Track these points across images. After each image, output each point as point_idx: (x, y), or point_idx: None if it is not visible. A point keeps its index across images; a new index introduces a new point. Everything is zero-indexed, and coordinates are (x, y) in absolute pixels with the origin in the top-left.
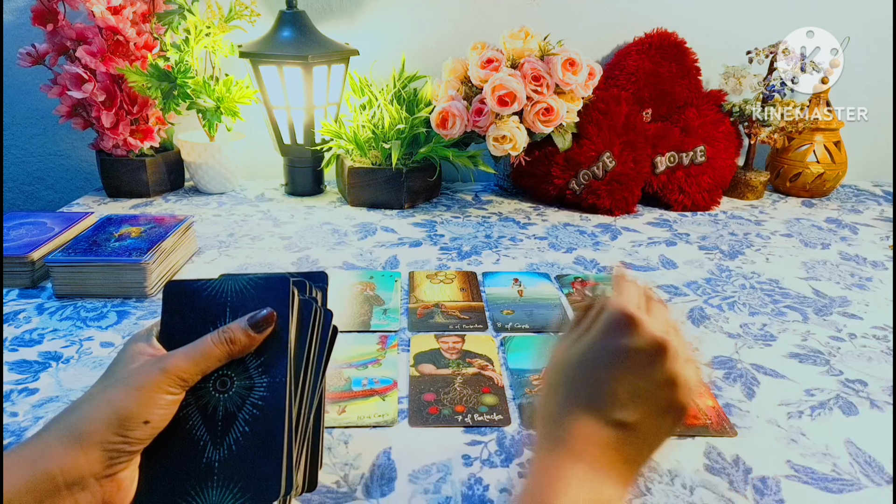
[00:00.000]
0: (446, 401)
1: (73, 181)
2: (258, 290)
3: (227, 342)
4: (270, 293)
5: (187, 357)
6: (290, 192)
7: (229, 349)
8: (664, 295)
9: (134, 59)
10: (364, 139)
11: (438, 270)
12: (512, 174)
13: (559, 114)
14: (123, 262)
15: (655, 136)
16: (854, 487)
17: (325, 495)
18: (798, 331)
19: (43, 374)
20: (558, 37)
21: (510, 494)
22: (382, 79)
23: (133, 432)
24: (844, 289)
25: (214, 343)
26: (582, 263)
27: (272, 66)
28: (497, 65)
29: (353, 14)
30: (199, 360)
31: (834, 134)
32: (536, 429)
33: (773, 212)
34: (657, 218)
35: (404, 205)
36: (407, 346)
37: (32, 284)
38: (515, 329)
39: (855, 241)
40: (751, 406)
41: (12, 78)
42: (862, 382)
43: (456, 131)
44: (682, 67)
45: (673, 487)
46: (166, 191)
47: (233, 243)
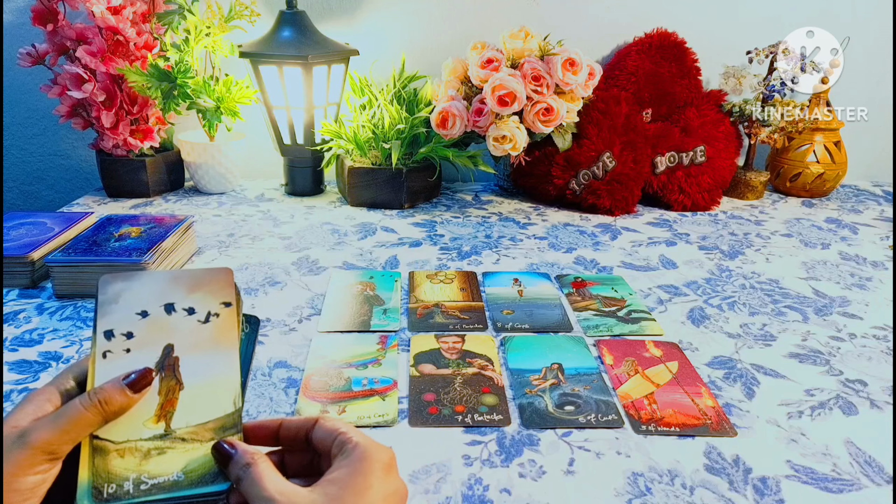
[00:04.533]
0: (446, 401)
1: (73, 181)
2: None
3: (101, 404)
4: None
5: (55, 426)
6: (290, 192)
7: (103, 411)
8: (664, 295)
9: (134, 59)
10: (364, 139)
11: (438, 270)
12: (512, 174)
13: (559, 114)
14: (123, 262)
15: (655, 136)
16: (854, 487)
17: None
18: (798, 331)
19: (43, 374)
20: (558, 37)
21: (510, 494)
22: (382, 79)
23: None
24: (844, 289)
25: (85, 407)
26: (582, 263)
27: (272, 66)
28: (497, 65)
29: (353, 14)
30: (68, 429)
31: (834, 134)
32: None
33: (773, 212)
34: (657, 218)
35: (404, 205)
36: (407, 346)
37: (32, 284)
38: (515, 329)
39: (855, 241)
40: (751, 406)
41: (12, 78)
42: (862, 382)
43: (456, 131)
44: (682, 67)
45: (673, 487)
46: (166, 191)
47: (233, 243)
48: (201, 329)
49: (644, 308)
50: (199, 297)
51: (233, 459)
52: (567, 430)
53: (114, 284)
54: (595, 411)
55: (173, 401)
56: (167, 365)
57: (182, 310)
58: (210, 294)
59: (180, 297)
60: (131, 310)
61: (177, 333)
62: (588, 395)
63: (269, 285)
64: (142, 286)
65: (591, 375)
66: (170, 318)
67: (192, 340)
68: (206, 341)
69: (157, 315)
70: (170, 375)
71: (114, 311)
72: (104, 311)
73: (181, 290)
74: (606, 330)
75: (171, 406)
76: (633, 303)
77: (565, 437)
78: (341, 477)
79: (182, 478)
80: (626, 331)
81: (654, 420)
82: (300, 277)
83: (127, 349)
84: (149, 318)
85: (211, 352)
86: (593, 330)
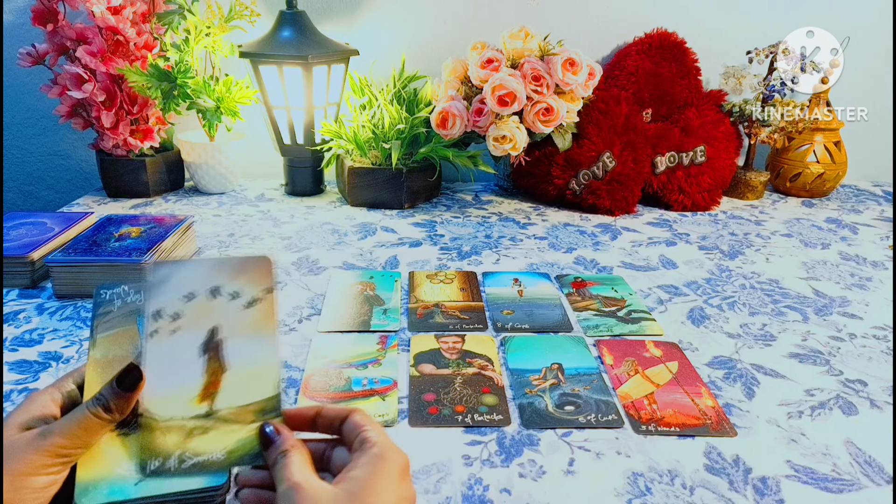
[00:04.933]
0: (446, 401)
1: (73, 181)
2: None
3: (104, 409)
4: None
5: (69, 432)
6: (290, 192)
7: (108, 417)
8: (664, 295)
9: (134, 59)
10: (364, 139)
11: (438, 270)
12: (512, 174)
13: (559, 114)
14: (123, 262)
15: (655, 136)
16: (854, 487)
17: None
18: (798, 331)
19: (43, 374)
20: (558, 37)
21: (510, 494)
22: (382, 79)
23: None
24: (844, 289)
25: (92, 412)
26: (582, 263)
27: (272, 66)
28: (497, 65)
29: (353, 14)
30: (80, 434)
31: (834, 134)
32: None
33: (773, 212)
34: (657, 218)
35: (404, 205)
36: (407, 346)
37: (32, 284)
38: (515, 329)
39: (855, 241)
40: (751, 406)
41: (12, 78)
42: (862, 382)
43: (456, 131)
44: (682, 67)
45: (673, 487)
46: (166, 191)
47: (233, 243)
48: (244, 313)
49: (644, 308)
50: (243, 283)
51: (273, 444)
52: (567, 430)
53: (163, 268)
54: (595, 411)
55: (217, 382)
56: (212, 347)
57: (227, 294)
58: (252, 280)
59: (225, 282)
60: (178, 292)
61: (221, 316)
62: (588, 395)
63: None
64: (189, 270)
65: (591, 375)
66: (215, 302)
67: (235, 324)
68: (249, 325)
69: (202, 298)
70: (214, 357)
71: (162, 293)
72: (153, 293)
73: (225, 274)
74: (606, 330)
75: (215, 387)
76: (633, 303)
77: (565, 437)
78: (359, 476)
79: (223, 457)
80: (626, 331)
81: (654, 420)
82: (300, 277)
83: (173, 330)
84: (195, 300)
85: (253, 336)
86: (593, 330)
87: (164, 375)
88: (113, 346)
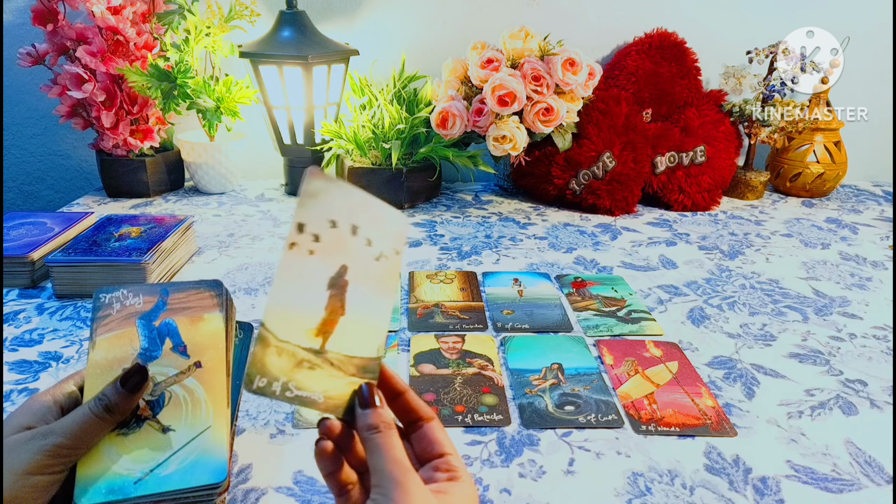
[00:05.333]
0: (446, 401)
1: (73, 181)
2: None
3: (106, 409)
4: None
5: (71, 433)
6: (290, 192)
7: (110, 417)
8: (664, 295)
9: (134, 59)
10: (364, 139)
11: (438, 270)
12: (512, 174)
13: (559, 114)
14: (123, 262)
15: (655, 136)
16: (854, 487)
17: (326, 495)
18: (798, 331)
19: (43, 374)
20: (558, 37)
21: (510, 494)
22: (382, 79)
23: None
24: (844, 289)
25: (94, 412)
26: (582, 263)
27: (272, 66)
28: (497, 65)
29: (353, 14)
30: (82, 436)
31: (834, 134)
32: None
33: (773, 212)
34: (657, 218)
35: (404, 205)
36: (407, 346)
37: (32, 284)
38: (515, 329)
39: (855, 241)
40: (751, 406)
41: (12, 78)
42: (862, 382)
43: (456, 131)
44: (682, 67)
45: (673, 487)
46: (166, 191)
47: (233, 243)
48: (372, 264)
49: (644, 308)
50: (378, 233)
51: (370, 410)
52: (567, 430)
53: (319, 181)
54: (595, 411)
55: (334, 321)
56: (339, 285)
57: (363, 237)
58: (386, 234)
59: (364, 224)
60: (325, 215)
61: (353, 259)
62: (588, 395)
63: (269, 285)
64: (339, 195)
65: (591, 375)
66: (352, 240)
67: (362, 271)
68: (373, 278)
69: (343, 230)
70: (338, 297)
71: (313, 208)
72: (307, 202)
73: (368, 217)
74: (606, 330)
75: (331, 326)
76: (633, 303)
77: (565, 437)
78: (450, 503)
79: (321, 399)
80: (626, 331)
81: (654, 420)
82: None
83: (311, 251)
84: (336, 230)
85: (374, 290)
86: (593, 330)
87: (292, 292)
88: (113, 349)
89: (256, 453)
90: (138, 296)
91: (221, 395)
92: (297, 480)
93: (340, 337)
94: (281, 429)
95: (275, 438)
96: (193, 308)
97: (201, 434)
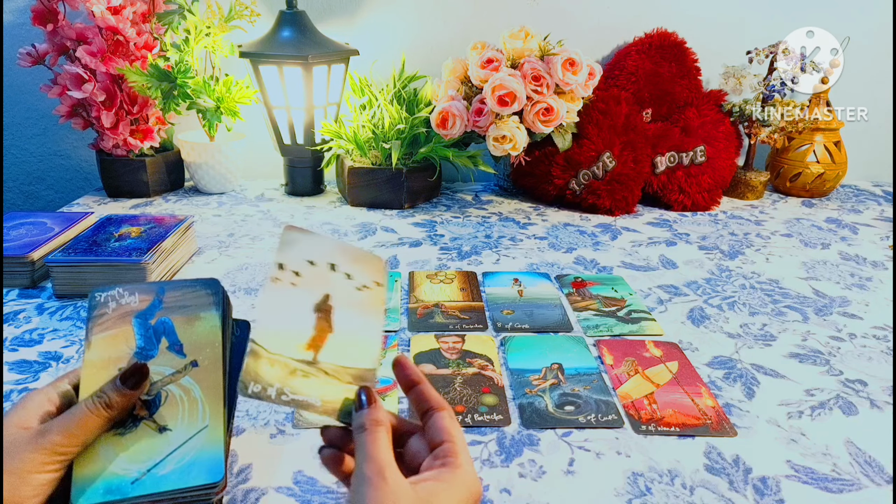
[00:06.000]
0: (446, 401)
1: (73, 181)
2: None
3: (104, 407)
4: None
5: (67, 431)
6: (290, 192)
7: (108, 413)
8: (664, 295)
9: (134, 59)
10: (364, 139)
11: (438, 270)
12: (512, 174)
13: (559, 114)
14: (123, 262)
15: (655, 136)
16: (854, 487)
17: (326, 496)
18: (798, 331)
19: (43, 374)
20: (558, 37)
21: (510, 494)
22: (382, 79)
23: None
24: (844, 289)
25: (91, 410)
26: (582, 263)
27: (272, 66)
28: (497, 65)
29: (353, 14)
30: (78, 433)
31: (834, 134)
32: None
33: (773, 212)
34: (657, 218)
35: (404, 205)
36: (407, 346)
37: (32, 284)
38: (515, 329)
39: (855, 241)
40: (751, 406)
41: (12, 78)
42: (862, 382)
43: (456, 131)
44: (682, 67)
45: (673, 487)
46: (166, 191)
47: (233, 243)
48: (355, 293)
49: (644, 308)
50: (358, 269)
51: (364, 409)
52: (567, 430)
53: (295, 233)
54: (595, 411)
55: (323, 338)
56: (324, 309)
57: (343, 272)
58: (366, 271)
59: (343, 263)
60: (304, 256)
61: (335, 288)
62: (588, 395)
63: None
64: (315, 242)
65: (591, 375)
66: (332, 275)
67: (346, 298)
68: (358, 304)
69: (322, 268)
70: (323, 319)
71: (290, 251)
72: (284, 248)
73: (346, 258)
74: (606, 330)
75: (321, 341)
76: (633, 303)
77: (565, 437)
78: (437, 489)
79: (319, 403)
80: (626, 331)
81: (654, 420)
82: None
83: (293, 283)
84: (316, 267)
85: (361, 313)
86: (593, 330)
87: (277, 316)
88: (109, 348)
89: (256, 453)
90: (134, 294)
91: (218, 394)
92: (297, 480)
93: (333, 350)
94: (281, 429)
95: (275, 438)
96: (190, 307)
97: (198, 433)
